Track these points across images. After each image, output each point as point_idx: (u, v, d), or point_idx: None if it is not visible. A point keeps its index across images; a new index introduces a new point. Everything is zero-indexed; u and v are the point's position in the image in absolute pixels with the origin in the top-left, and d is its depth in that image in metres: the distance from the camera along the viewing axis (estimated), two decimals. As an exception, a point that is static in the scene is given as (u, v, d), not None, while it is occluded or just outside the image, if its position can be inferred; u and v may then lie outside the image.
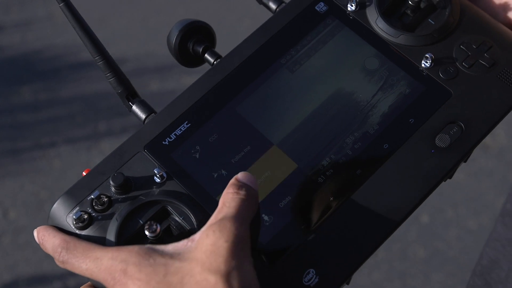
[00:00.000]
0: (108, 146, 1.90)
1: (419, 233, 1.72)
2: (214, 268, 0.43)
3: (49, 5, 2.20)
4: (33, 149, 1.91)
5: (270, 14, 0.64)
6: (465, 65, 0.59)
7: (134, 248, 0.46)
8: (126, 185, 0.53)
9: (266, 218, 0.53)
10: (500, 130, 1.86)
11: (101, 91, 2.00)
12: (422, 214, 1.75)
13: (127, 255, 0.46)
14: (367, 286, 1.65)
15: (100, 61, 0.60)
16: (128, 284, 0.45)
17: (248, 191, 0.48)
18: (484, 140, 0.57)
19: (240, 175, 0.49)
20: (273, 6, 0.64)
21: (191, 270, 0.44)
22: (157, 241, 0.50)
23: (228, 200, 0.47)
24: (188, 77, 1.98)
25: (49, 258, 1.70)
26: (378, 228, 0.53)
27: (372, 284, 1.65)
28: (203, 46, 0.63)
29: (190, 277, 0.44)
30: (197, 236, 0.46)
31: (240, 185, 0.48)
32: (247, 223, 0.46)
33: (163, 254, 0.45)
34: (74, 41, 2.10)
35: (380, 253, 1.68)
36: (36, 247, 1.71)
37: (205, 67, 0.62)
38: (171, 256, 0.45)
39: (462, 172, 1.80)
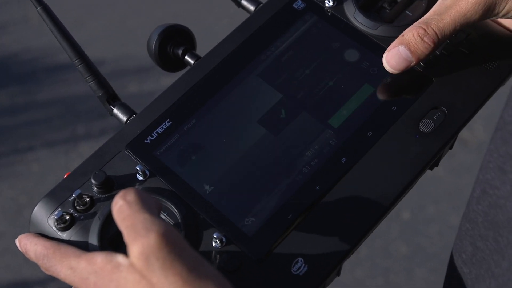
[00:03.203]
0: (86, 149, 1.88)
1: (401, 230, 1.72)
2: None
3: (25, 7, 2.18)
4: (10, 153, 1.89)
5: (248, 15, 0.64)
6: (444, 52, 0.60)
7: (103, 259, 0.45)
8: (108, 183, 0.53)
9: (253, 205, 0.53)
10: (478, 125, 1.87)
11: (79, 93, 1.99)
12: (404, 211, 1.75)
13: (96, 268, 0.45)
14: (350, 283, 1.65)
15: (79, 65, 0.59)
16: None
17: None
18: (463, 135, 0.57)
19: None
20: (251, 7, 0.64)
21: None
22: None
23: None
24: (166, 79, 1.97)
25: (28, 263, 1.68)
26: (366, 216, 0.52)
27: (355, 281, 1.65)
28: (182, 48, 0.63)
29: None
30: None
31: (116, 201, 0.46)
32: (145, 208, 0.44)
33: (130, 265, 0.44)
34: (51, 43, 2.08)
35: (363, 250, 1.68)
36: (15, 253, 1.69)
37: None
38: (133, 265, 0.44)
39: (442, 167, 1.81)
